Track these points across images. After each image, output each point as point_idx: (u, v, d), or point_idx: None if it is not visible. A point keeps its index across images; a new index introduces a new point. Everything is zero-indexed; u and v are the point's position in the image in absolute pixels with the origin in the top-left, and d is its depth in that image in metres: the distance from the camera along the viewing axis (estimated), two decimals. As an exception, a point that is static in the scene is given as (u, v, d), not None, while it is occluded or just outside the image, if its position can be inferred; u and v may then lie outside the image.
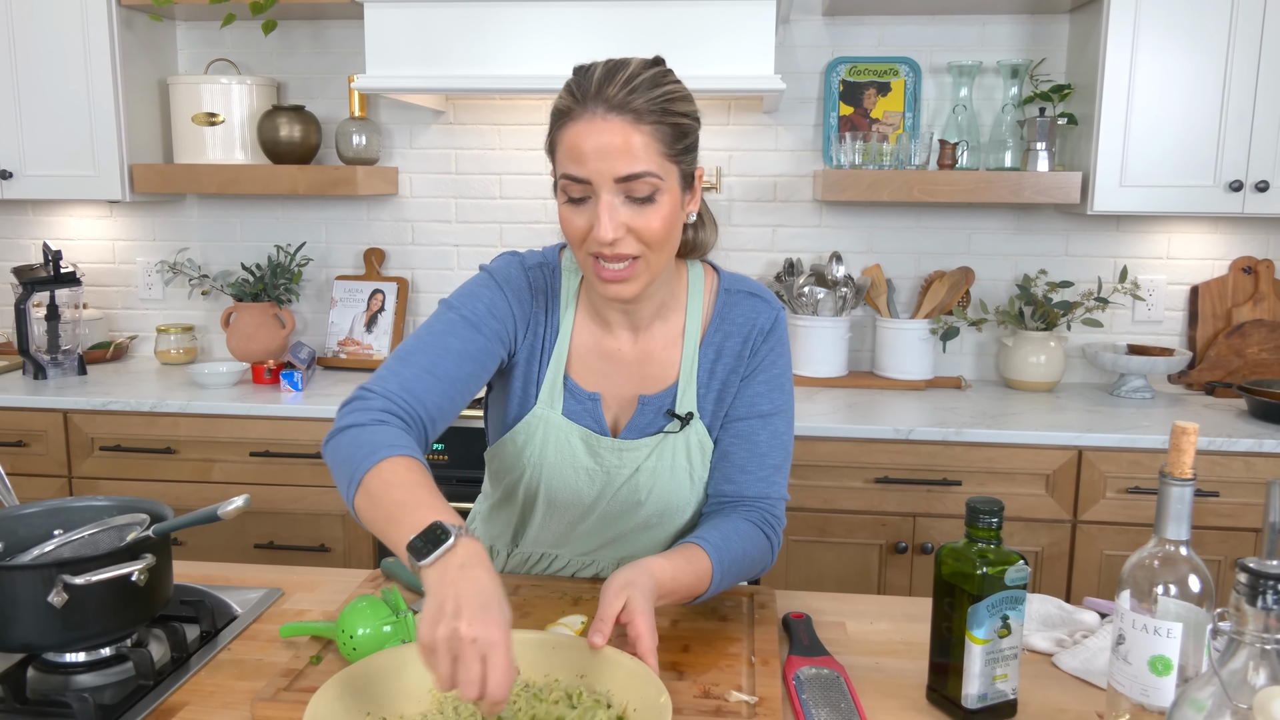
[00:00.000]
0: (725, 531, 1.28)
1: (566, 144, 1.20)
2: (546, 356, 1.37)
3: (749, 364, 1.37)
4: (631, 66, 1.21)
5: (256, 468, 2.59)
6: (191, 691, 1.16)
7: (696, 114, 1.26)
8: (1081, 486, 2.38)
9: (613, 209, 1.19)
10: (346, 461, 1.15)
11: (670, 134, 1.20)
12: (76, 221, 3.17)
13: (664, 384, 1.37)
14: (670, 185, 1.22)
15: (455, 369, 1.27)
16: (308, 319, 3.17)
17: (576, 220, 1.22)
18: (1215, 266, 2.88)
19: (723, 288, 1.40)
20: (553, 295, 1.38)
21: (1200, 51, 2.48)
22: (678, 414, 1.36)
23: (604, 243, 1.20)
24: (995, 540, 1.08)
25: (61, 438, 2.63)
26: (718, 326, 1.38)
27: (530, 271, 1.38)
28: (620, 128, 1.17)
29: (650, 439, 1.36)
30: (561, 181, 1.22)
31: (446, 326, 1.30)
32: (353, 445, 1.15)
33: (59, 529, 1.29)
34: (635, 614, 1.08)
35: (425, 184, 3.06)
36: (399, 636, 1.16)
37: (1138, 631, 0.98)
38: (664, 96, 1.20)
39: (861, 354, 3.00)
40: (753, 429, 1.36)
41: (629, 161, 1.18)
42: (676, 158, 1.22)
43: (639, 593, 1.10)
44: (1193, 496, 0.97)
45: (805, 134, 2.94)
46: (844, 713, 1.10)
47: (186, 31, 3.06)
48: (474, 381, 1.30)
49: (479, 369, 1.30)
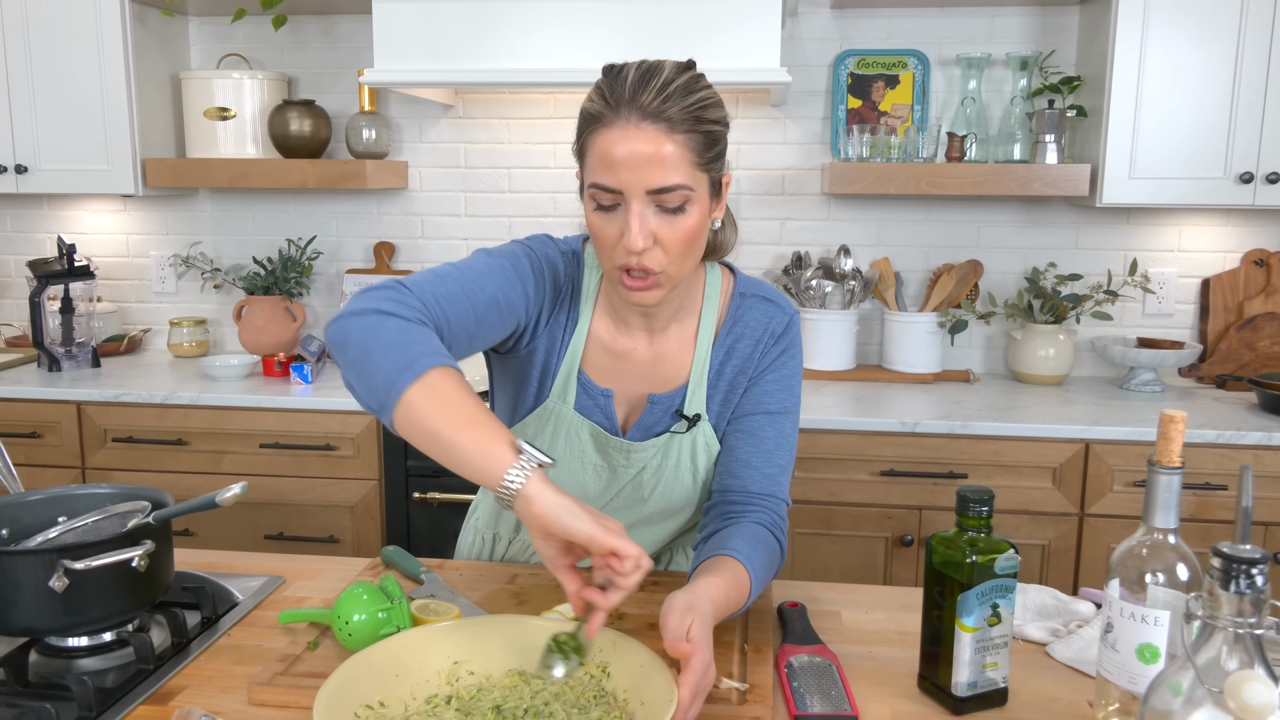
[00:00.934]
0: (749, 540, 1.25)
1: (598, 151, 1.18)
2: (564, 349, 1.36)
3: (759, 364, 1.36)
4: (666, 72, 1.18)
5: (267, 459, 2.61)
6: (190, 676, 1.17)
7: (727, 119, 1.23)
8: (1089, 480, 2.37)
9: (643, 219, 1.17)
10: (398, 348, 1.07)
11: (702, 143, 1.18)
12: (91, 215, 3.21)
13: (675, 384, 1.37)
14: (700, 195, 1.20)
15: (486, 309, 1.22)
16: (319, 312, 3.19)
17: (607, 228, 1.20)
18: (1227, 259, 2.86)
19: (738, 291, 1.39)
20: (576, 287, 1.36)
21: (1210, 42, 2.46)
22: (685, 415, 1.36)
23: (633, 251, 1.18)
24: (985, 529, 1.08)
25: (75, 429, 2.66)
26: (730, 329, 1.37)
27: (565, 257, 1.36)
28: (653, 137, 1.15)
29: (657, 440, 1.36)
30: (591, 190, 1.20)
31: (486, 269, 1.25)
32: (405, 336, 1.08)
33: (63, 516, 1.31)
34: (698, 645, 1.02)
35: (435, 178, 3.08)
36: (394, 623, 1.17)
37: (1125, 620, 0.98)
38: (698, 104, 1.18)
39: (869, 347, 3.00)
40: (759, 425, 1.36)
41: (661, 174, 1.16)
42: (707, 166, 1.20)
43: (701, 621, 1.05)
44: (1181, 485, 0.97)
45: (813, 127, 2.93)
46: (834, 700, 1.10)
47: (199, 27, 3.09)
48: (495, 330, 1.25)
49: (504, 320, 1.25)
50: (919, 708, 1.11)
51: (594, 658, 1.08)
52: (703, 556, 1.23)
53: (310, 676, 1.13)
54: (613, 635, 1.09)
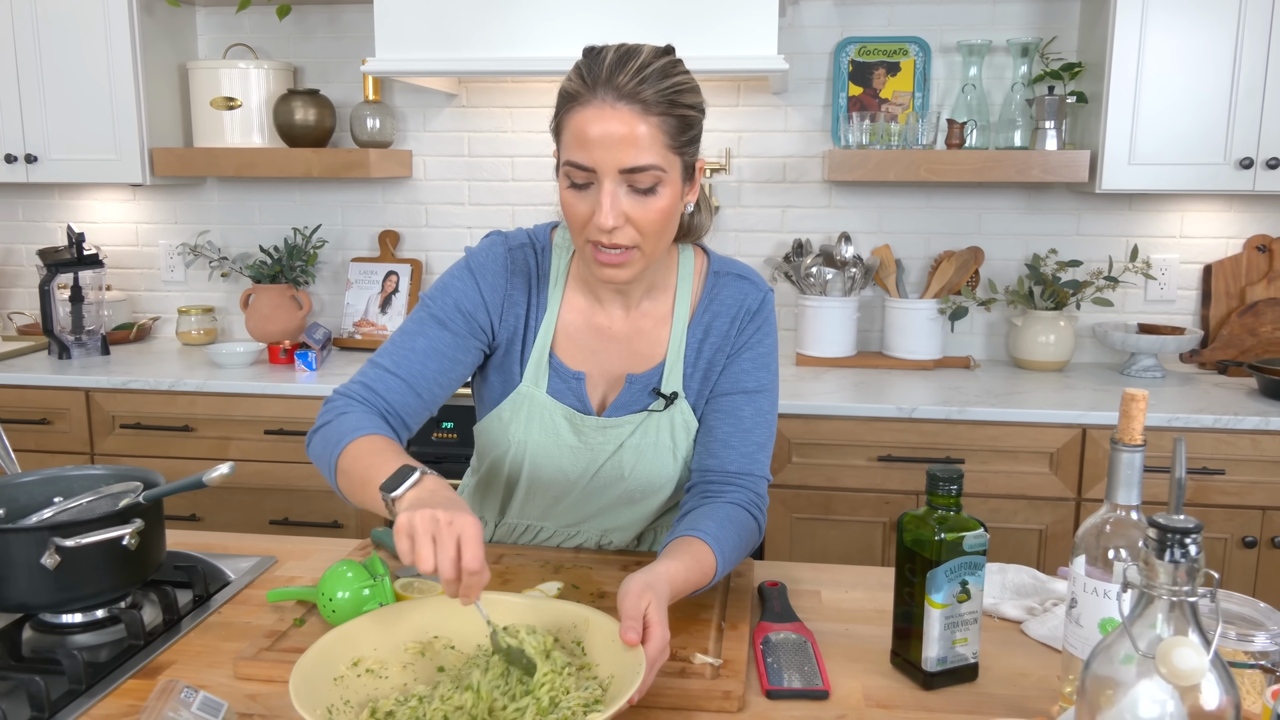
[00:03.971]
0: (720, 520, 1.28)
1: (573, 129, 1.21)
2: (532, 335, 1.39)
3: (735, 342, 1.39)
4: (643, 55, 1.21)
5: (272, 445, 2.64)
6: (179, 651, 1.20)
7: (703, 105, 1.27)
8: (1085, 465, 2.38)
9: (614, 198, 1.21)
10: (323, 455, 1.26)
11: (676, 126, 1.22)
12: (100, 205, 3.25)
13: (652, 362, 1.40)
14: (672, 177, 1.23)
15: (420, 367, 1.34)
16: (324, 300, 3.22)
17: (579, 206, 1.24)
18: (1229, 245, 2.85)
19: (712, 270, 1.42)
20: (540, 274, 1.40)
21: (1210, 27, 2.45)
22: (663, 393, 1.38)
23: (604, 230, 1.22)
24: (955, 507, 1.09)
25: (84, 416, 2.70)
26: (706, 307, 1.40)
27: (514, 252, 1.40)
28: (628, 117, 1.19)
29: (634, 416, 1.39)
30: (565, 167, 1.24)
31: (416, 326, 1.38)
32: (324, 441, 1.26)
33: (58, 496, 1.34)
34: (653, 624, 1.05)
35: (439, 166, 3.10)
36: (377, 599, 1.19)
37: (1088, 595, 1.00)
38: (673, 88, 1.21)
39: (870, 334, 3.00)
40: (737, 404, 1.38)
41: (634, 153, 1.19)
42: (680, 149, 1.24)
43: (657, 599, 1.08)
44: (1142, 462, 0.98)
45: (814, 114, 2.94)
46: (807, 675, 1.12)
47: (205, 17, 3.12)
48: (445, 376, 1.37)
49: (449, 364, 1.36)
50: (890, 683, 1.13)
51: (569, 634, 1.10)
52: (674, 535, 1.26)
53: (294, 652, 1.15)
54: (586, 611, 1.11)
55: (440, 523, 0.99)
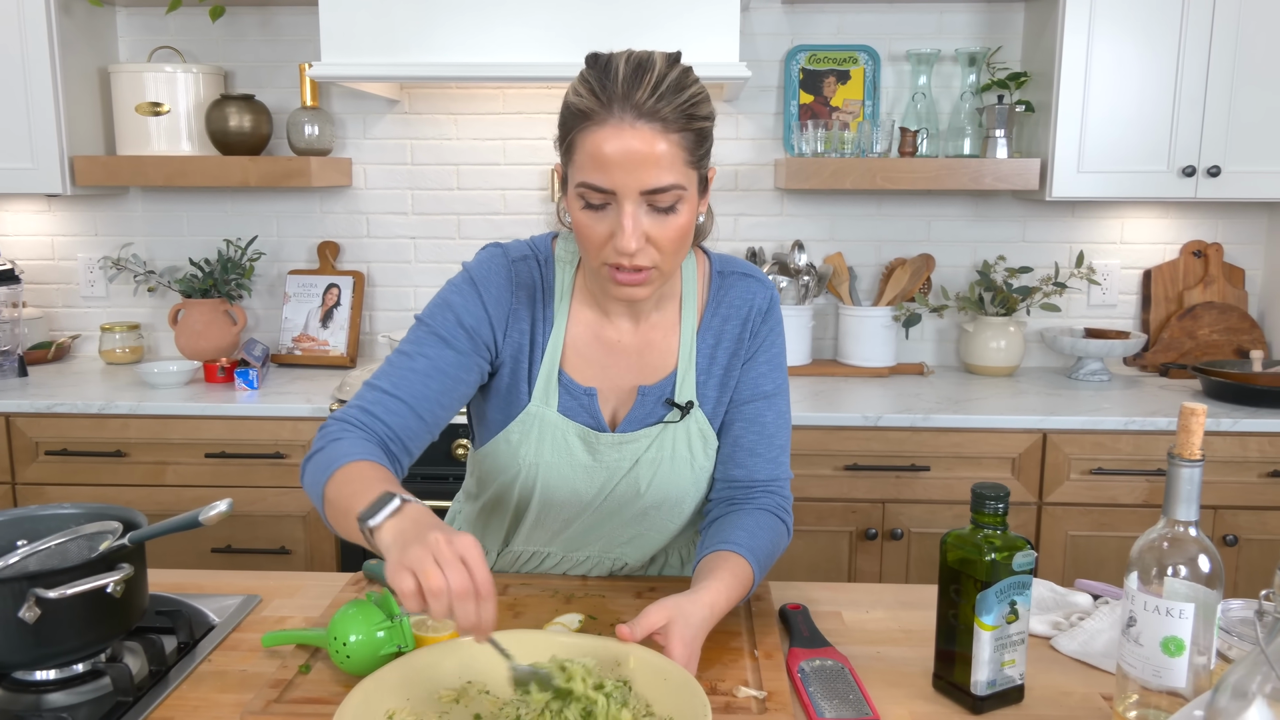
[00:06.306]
0: (751, 529, 1.27)
1: (587, 149, 1.15)
2: (540, 352, 1.33)
3: (749, 346, 1.37)
4: (657, 67, 1.15)
5: (212, 469, 2.51)
6: (174, 707, 1.11)
7: (714, 114, 1.23)
8: (1046, 469, 2.41)
9: (636, 219, 1.15)
10: (313, 485, 1.17)
11: (694, 140, 1.17)
12: (13, 216, 3.05)
13: (663, 373, 1.35)
14: (691, 194, 1.19)
15: (421, 388, 1.26)
16: (260, 315, 3.08)
17: (596, 227, 1.18)
18: (1166, 250, 2.94)
19: (715, 270, 1.38)
20: (546, 289, 1.33)
21: (1154, 39, 2.51)
22: (677, 403, 1.33)
23: (626, 253, 1.16)
24: (1001, 526, 1.07)
25: (3, 442, 2.52)
26: (715, 310, 1.36)
27: (515, 265, 1.33)
28: (648, 136, 1.13)
29: (650, 429, 1.34)
30: (580, 189, 1.17)
31: (414, 345, 1.29)
32: (314, 469, 1.17)
33: (23, 539, 1.22)
34: (673, 639, 1.05)
35: (380, 175, 2.99)
36: (394, 642, 1.12)
37: (1149, 613, 0.98)
38: (690, 101, 1.16)
39: (824, 342, 3.00)
40: (759, 410, 1.36)
41: (656, 174, 1.14)
42: (697, 163, 1.19)
43: (686, 624, 1.08)
44: (1201, 477, 0.97)
45: (766, 122, 2.93)
46: (853, 704, 1.09)
47: (128, 18, 2.95)
48: (448, 396, 1.28)
49: (453, 383, 1.28)
50: (937, 708, 1.10)
51: (612, 672, 1.04)
52: (706, 547, 1.25)
53: (308, 703, 1.07)
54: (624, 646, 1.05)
55: (439, 544, 0.92)
